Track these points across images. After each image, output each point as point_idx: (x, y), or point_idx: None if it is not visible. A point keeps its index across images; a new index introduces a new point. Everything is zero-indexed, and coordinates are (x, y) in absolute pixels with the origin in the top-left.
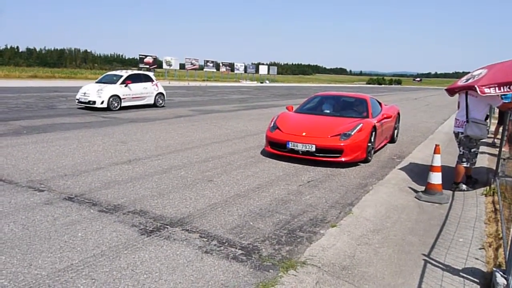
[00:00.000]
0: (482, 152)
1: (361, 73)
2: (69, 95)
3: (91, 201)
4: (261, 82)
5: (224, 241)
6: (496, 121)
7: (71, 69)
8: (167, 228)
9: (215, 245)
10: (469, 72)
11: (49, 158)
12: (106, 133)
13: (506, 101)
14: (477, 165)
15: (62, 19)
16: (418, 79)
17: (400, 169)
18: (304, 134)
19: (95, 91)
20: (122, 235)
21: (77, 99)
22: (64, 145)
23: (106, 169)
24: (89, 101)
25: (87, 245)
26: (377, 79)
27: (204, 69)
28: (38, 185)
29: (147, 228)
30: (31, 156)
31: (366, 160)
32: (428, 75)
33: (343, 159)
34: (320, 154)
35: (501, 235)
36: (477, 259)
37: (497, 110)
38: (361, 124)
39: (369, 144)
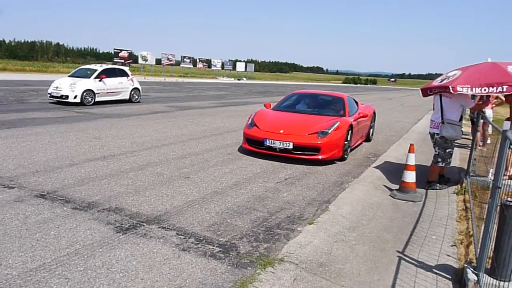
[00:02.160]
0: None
1: (337, 72)
2: (41, 89)
3: (64, 198)
4: (238, 79)
5: (201, 238)
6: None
7: (42, 62)
8: (144, 225)
9: (192, 242)
10: (442, 74)
11: (19, 154)
12: (80, 128)
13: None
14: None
15: (33, 10)
16: (393, 79)
17: (375, 167)
18: (281, 131)
19: (68, 85)
20: (96, 233)
21: (49, 94)
22: (35, 140)
23: (79, 165)
24: (62, 96)
25: (60, 243)
26: (353, 79)
27: (181, 65)
28: (8, 181)
29: (123, 225)
30: (0, 152)
31: (342, 158)
32: (402, 76)
33: (320, 157)
34: (298, 152)
35: (471, 232)
36: (449, 255)
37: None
38: (338, 123)
39: (345, 142)
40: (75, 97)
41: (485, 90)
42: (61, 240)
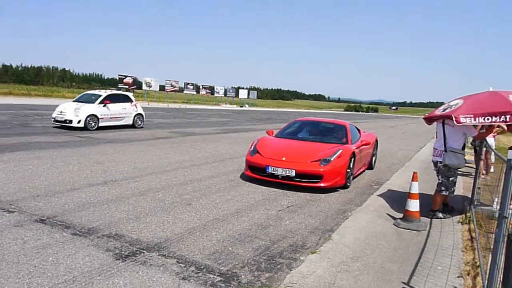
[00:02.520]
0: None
1: (339, 100)
2: (45, 114)
3: (64, 223)
4: (241, 106)
5: (202, 267)
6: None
7: (48, 87)
8: (144, 252)
9: (193, 271)
10: (443, 102)
11: (21, 178)
12: (82, 153)
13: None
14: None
15: (40, 36)
16: (394, 107)
17: (378, 195)
18: (284, 159)
19: (72, 110)
20: (95, 259)
21: (53, 118)
22: (37, 164)
23: (80, 190)
24: (66, 120)
25: (58, 270)
26: (355, 107)
27: (184, 92)
28: (8, 205)
29: (123, 252)
30: (2, 175)
31: (345, 186)
32: (403, 104)
33: (322, 184)
34: (300, 179)
35: (478, 263)
36: (455, 287)
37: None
38: (341, 150)
39: (348, 170)
40: (79, 121)
41: (488, 119)
42: (59, 266)
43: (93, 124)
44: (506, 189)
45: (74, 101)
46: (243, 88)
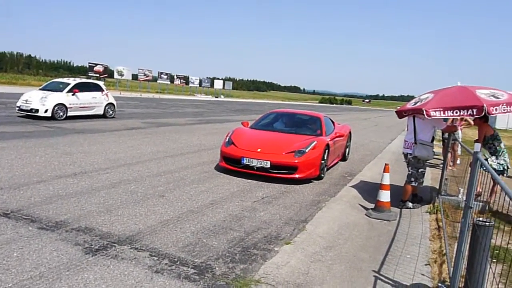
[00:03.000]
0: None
1: (314, 92)
2: (9, 102)
3: (29, 217)
4: (216, 97)
5: (175, 259)
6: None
7: (12, 74)
8: (115, 246)
9: (166, 264)
10: (414, 96)
11: None
12: (50, 144)
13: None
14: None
15: (3, 20)
16: (367, 100)
17: (351, 186)
18: (259, 150)
19: (39, 99)
20: (64, 254)
21: (17, 107)
22: (0, 156)
23: (48, 182)
24: (31, 109)
25: (23, 266)
26: (329, 99)
27: (158, 81)
28: None
29: (93, 246)
30: None
31: (319, 177)
32: (376, 97)
33: (297, 175)
34: (275, 171)
35: (444, 251)
36: (423, 274)
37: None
38: (315, 142)
39: (322, 161)
40: (46, 111)
41: (456, 112)
42: (24, 262)
43: (61, 114)
44: (472, 180)
45: (40, 89)
46: (218, 79)
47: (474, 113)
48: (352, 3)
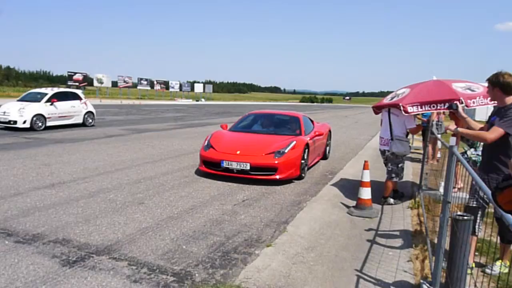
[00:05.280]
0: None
1: (294, 92)
2: None
3: (6, 231)
4: (197, 100)
5: (154, 268)
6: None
7: None
8: (93, 257)
9: (145, 273)
10: (393, 91)
11: None
12: (28, 155)
13: (425, 119)
14: (403, 179)
15: None
16: (348, 97)
17: (332, 185)
18: (238, 152)
19: (17, 110)
20: (40, 267)
21: None
22: None
23: (25, 194)
24: (10, 121)
25: None
26: (310, 98)
27: (138, 87)
28: None
29: (70, 258)
30: None
31: (300, 177)
32: (356, 94)
33: (277, 176)
34: (255, 172)
35: (426, 247)
36: (405, 271)
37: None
38: (295, 142)
39: (302, 161)
40: (24, 122)
41: (433, 107)
42: None
43: (40, 124)
44: (449, 175)
45: (18, 100)
46: (198, 82)
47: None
48: (326, 0)
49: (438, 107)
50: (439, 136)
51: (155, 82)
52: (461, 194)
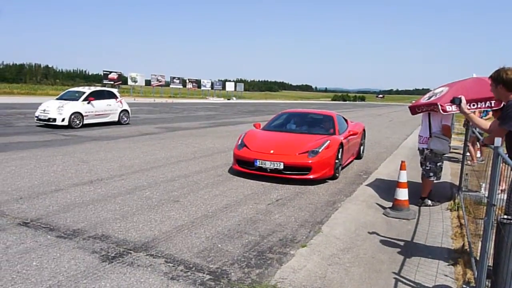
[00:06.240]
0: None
1: (326, 90)
2: (28, 112)
3: (48, 226)
4: (228, 99)
5: (191, 265)
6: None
7: (31, 85)
8: (131, 253)
9: (181, 270)
10: (429, 89)
11: (2, 180)
12: (67, 152)
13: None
14: (441, 180)
15: (22, 34)
16: (381, 95)
17: (367, 185)
18: (272, 151)
19: (56, 108)
20: (81, 262)
21: (36, 117)
22: (20, 165)
23: (65, 190)
24: (49, 119)
25: (42, 275)
26: (342, 96)
27: (170, 86)
28: None
29: (109, 254)
30: None
31: (334, 177)
32: (390, 92)
33: (311, 176)
34: (289, 172)
35: (468, 250)
36: (446, 275)
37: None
38: (329, 141)
39: (336, 160)
40: (63, 120)
41: (473, 105)
42: (43, 271)
43: (77, 122)
44: (494, 176)
45: (57, 98)
46: (229, 81)
47: (492, 104)
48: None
49: (479, 106)
50: (478, 134)
51: (187, 81)
52: (504, 196)
